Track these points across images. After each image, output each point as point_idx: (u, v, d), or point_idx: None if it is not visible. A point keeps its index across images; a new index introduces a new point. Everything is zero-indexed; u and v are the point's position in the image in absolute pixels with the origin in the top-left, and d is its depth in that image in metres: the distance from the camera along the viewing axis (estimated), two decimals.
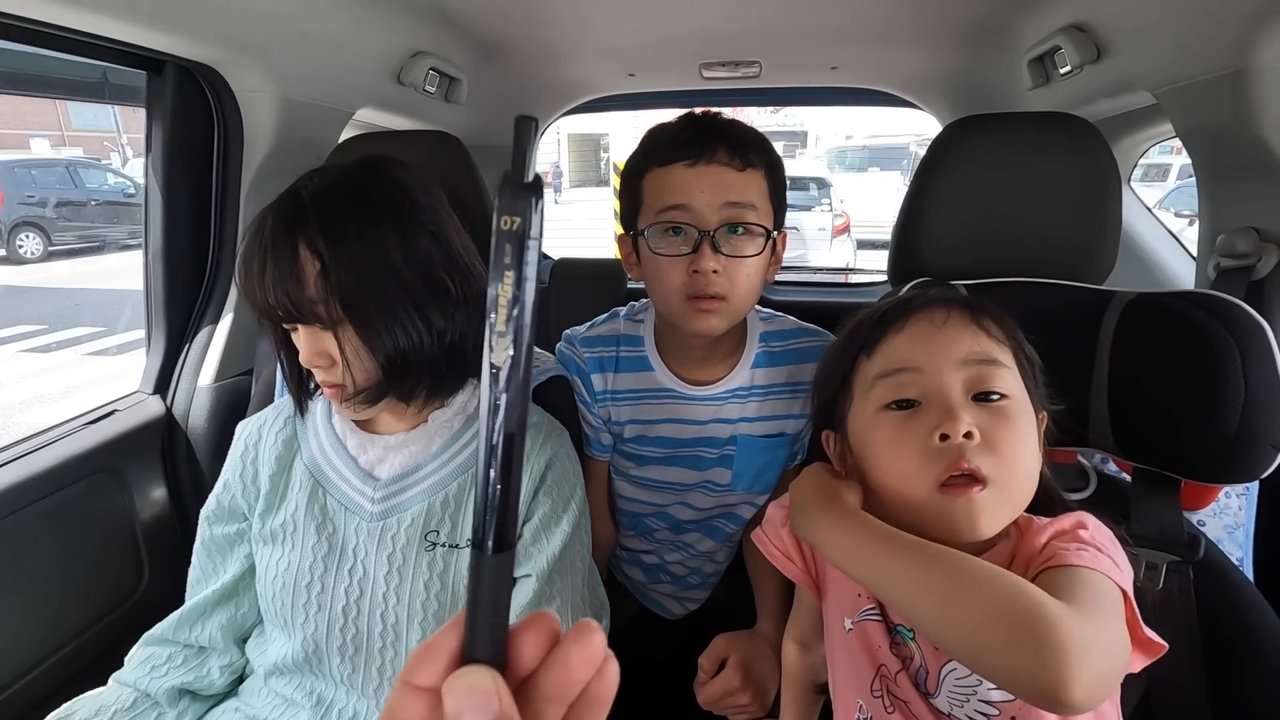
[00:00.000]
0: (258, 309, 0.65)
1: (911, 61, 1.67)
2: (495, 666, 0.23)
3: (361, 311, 0.63)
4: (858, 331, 0.63)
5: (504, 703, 0.23)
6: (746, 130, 0.81)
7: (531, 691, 0.24)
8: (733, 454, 0.92)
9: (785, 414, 0.91)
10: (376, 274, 0.63)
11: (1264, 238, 0.90)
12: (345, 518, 0.71)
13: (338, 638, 0.68)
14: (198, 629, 0.74)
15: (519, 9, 1.30)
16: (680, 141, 0.79)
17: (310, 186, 0.65)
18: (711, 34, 1.47)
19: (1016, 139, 0.80)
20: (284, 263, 0.61)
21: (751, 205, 0.78)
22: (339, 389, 0.66)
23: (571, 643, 0.25)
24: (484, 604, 0.24)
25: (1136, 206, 1.52)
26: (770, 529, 0.68)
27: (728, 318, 0.80)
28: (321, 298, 0.62)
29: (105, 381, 4.49)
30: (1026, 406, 0.56)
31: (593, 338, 0.94)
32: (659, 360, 0.91)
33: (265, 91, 1.12)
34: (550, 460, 0.73)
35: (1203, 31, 0.86)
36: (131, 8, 0.85)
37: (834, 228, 6.93)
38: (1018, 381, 0.56)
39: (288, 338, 0.69)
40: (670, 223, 0.78)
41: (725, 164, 0.78)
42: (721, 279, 0.77)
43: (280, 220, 0.63)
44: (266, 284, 0.62)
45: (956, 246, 0.82)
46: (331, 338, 0.64)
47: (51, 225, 8.06)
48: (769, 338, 0.92)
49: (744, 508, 0.98)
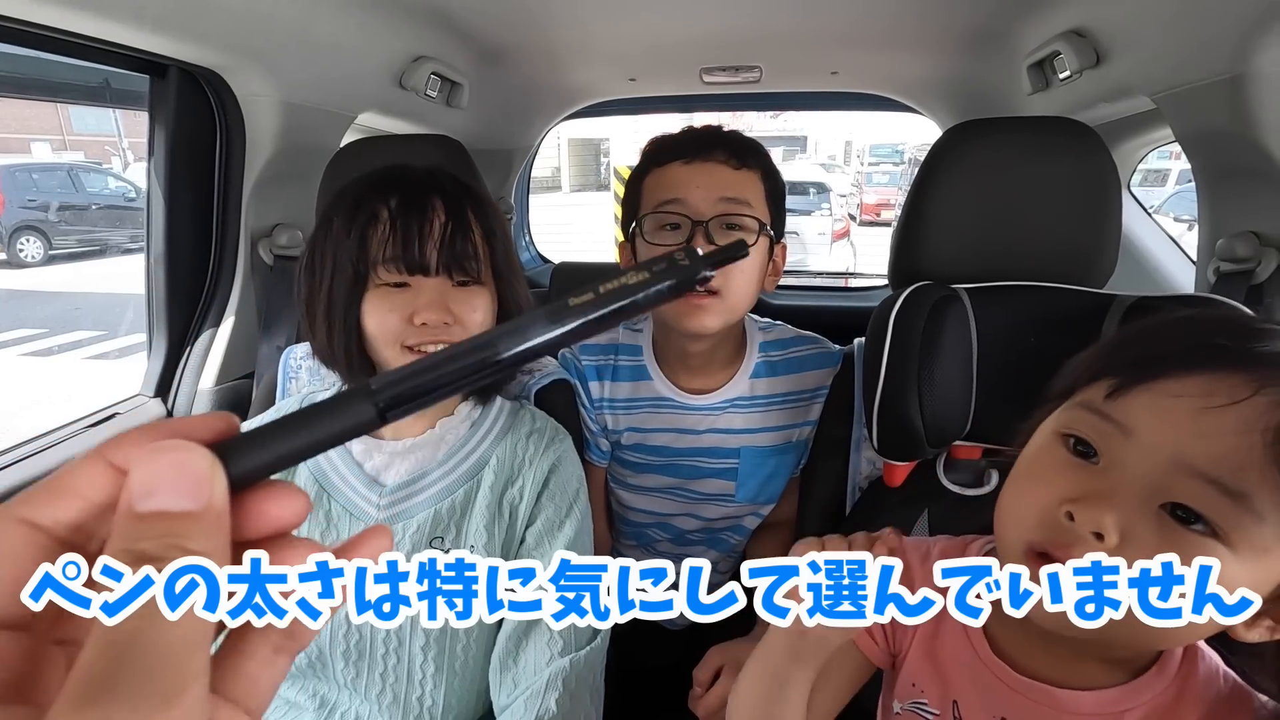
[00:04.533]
0: (386, 260, 0.65)
1: (912, 67, 1.68)
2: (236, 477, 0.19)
3: (507, 277, 0.71)
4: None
5: (216, 498, 0.18)
6: (745, 138, 0.83)
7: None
8: (735, 466, 0.92)
9: (791, 423, 0.91)
10: (514, 249, 0.73)
11: (1263, 242, 0.90)
12: (350, 524, 0.70)
13: (341, 643, 0.68)
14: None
15: (521, 13, 1.30)
16: (679, 144, 0.81)
17: (431, 168, 0.71)
18: (712, 39, 1.47)
19: (1017, 143, 0.80)
20: (460, 218, 0.67)
21: (747, 202, 0.80)
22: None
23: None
24: (302, 418, 0.20)
25: (1137, 211, 1.53)
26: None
27: (722, 315, 0.81)
28: (483, 256, 0.69)
29: (106, 386, 4.49)
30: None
31: (590, 345, 0.95)
32: (656, 369, 0.92)
33: (267, 96, 1.12)
34: (554, 465, 0.74)
35: (1202, 37, 0.87)
36: (135, 12, 0.86)
37: (834, 232, 6.95)
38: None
39: (357, 307, 0.66)
40: (666, 214, 0.80)
41: (721, 162, 0.80)
42: (716, 273, 0.77)
43: (441, 183, 0.68)
44: (433, 233, 0.65)
45: (957, 250, 0.82)
46: (463, 295, 0.68)
47: (52, 229, 8.07)
48: (768, 347, 0.92)
49: (749, 519, 0.97)
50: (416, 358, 0.65)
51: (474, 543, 0.69)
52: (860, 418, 0.84)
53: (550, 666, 0.65)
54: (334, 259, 0.65)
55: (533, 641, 0.67)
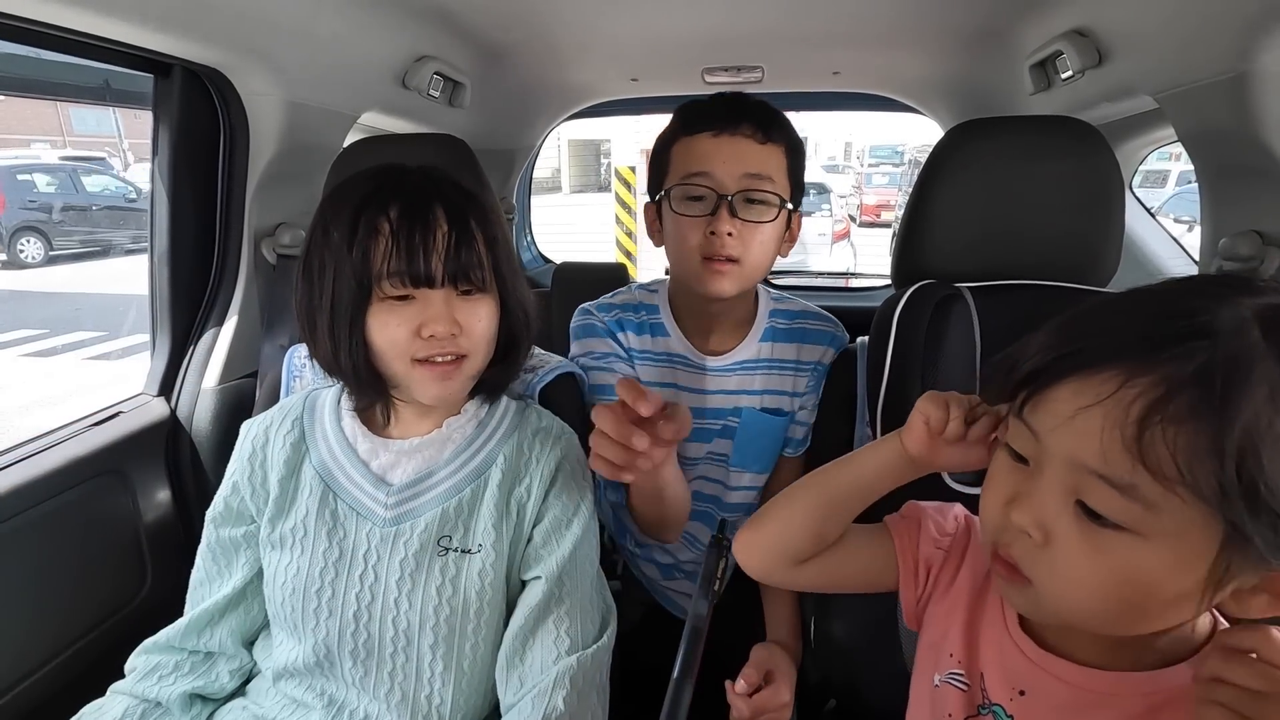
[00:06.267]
0: (391, 274, 0.63)
1: (913, 67, 1.68)
2: None
3: (509, 280, 0.71)
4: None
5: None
6: (773, 110, 0.86)
7: None
8: (735, 425, 0.95)
9: (784, 390, 0.94)
10: (514, 251, 0.73)
11: (1266, 241, 0.90)
12: (357, 523, 0.70)
13: (349, 642, 0.68)
14: (206, 635, 0.73)
15: (523, 13, 1.31)
16: (708, 114, 0.84)
17: (428, 170, 0.70)
18: (714, 39, 1.48)
19: (1019, 143, 0.80)
20: (463, 227, 0.66)
21: (769, 178, 0.83)
22: (458, 361, 0.67)
23: None
24: None
25: (1139, 210, 1.53)
26: (923, 531, 0.60)
27: (739, 281, 0.85)
28: (487, 264, 0.68)
29: (107, 386, 4.49)
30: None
31: (610, 304, 0.98)
32: (674, 327, 0.95)
33: (271, 95, 1.13)
34: (560, 463, 0.74)
35: (1204, 36, 0.87)
36: (139, 11, 0.86)
37: (834, 233, 6.95)
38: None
39: (361, 321, 0.65)
40: (693, 185, 0.83)
41: (748, 136, 0.83)
42: (735, 242, 0.82)
43: (442, 189, 0.67)
44: (437, 245, 0.64)
45: (960, 249, 0.82)
46: (468, 305, 0.67)
47: (53, 230, 8.07)
48: (778, 315, 0.96)
49: (737, 493, 0.99)
50: (427, 371, 0.66)
51: (482, 541, 0.69)
52: (864, 416, 0.85)
53: (558, 665, 0.65)
54: (335, 271, 0.64)
55: (540, 640, 0.67)
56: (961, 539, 0.59)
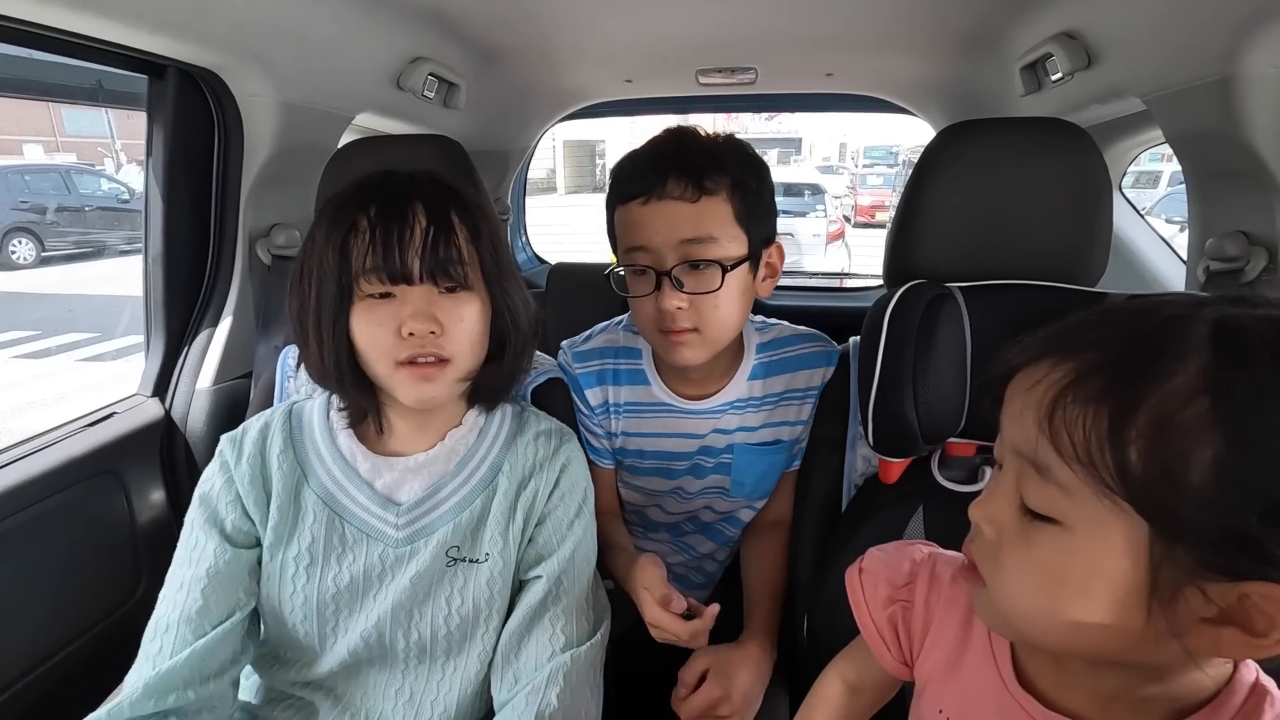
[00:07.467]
0: (368, 270, 0.62)
1: (906, 68, 1.69)
2: None
3: (498, 279, 0.69)
4: None
5: None
6: (702, 154, 0.77)
7: None
8: (729, 462, 0.92)
9: (781, 421, 0.91)
10: (506, 251, 0.71)
11: (1252, 241, 0.91)
12: (368, 546, 0.68)
13: (360, 655, 0.68)
14: (209, 685, 0.64)
15: (518, 15, 1.31)
16: (636, 176, 0.79)
17: (413, 173, 0.69)
18: (708, 41, 1.49)
19: (1009, 144, 0.80)
20: (443, 222, 0.64)
21: (710, 238, 0.76)
22: (441, 364, 0.65)
23: None
24: None
25: (1128, 211, 1.54)
26: (871, 595, 0.59)
27: (704, 348, 0.81)
28: (470, 260, 0.66)
29: (99, 388, 4.46)
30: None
31: (589, 351, 0.94)
32: (655, 375, 0.92)
33: (266, 96, 1.13)
34: (564, 465, 0.74)
35: (1191, 39, 0.88)
36: (134, 12, 0.86)
37: (829, 234, 6.98)
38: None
39: (345, 323, 0.64)
40: (632, 262, 0.80)
41: (677, 198, 0.76)
42: (689, 313, 0.78)
43: (422, 187, 0.66)
44: (414, 240, 0.63)
45: (950, 249, 0.83)
46: (450, 303, 0.65)
47: (45, 231, 8.02)
48: (764, 348, 0.92)
49: (744, 512, 0.98)
50: (409, 373, 0.64)
51: (489, 550, 0.69)
52: (856, 415, 0.85)
53: (552, 662, 0.65)
54: (319, 272, 0.64)
55: (535, 638, 0.67)
56: (925, 577, 0.57)
